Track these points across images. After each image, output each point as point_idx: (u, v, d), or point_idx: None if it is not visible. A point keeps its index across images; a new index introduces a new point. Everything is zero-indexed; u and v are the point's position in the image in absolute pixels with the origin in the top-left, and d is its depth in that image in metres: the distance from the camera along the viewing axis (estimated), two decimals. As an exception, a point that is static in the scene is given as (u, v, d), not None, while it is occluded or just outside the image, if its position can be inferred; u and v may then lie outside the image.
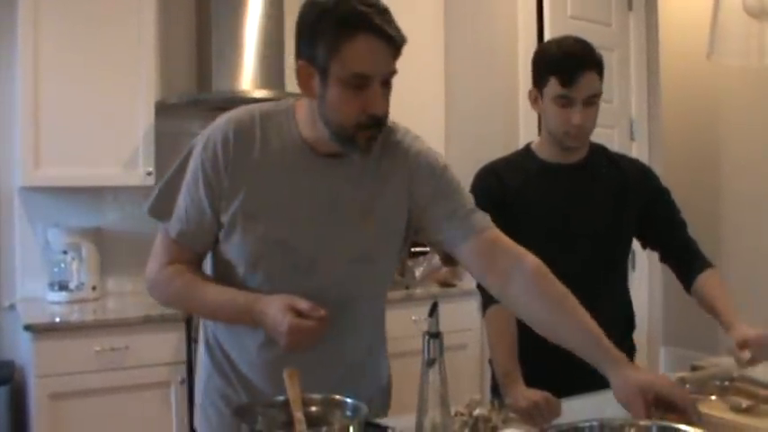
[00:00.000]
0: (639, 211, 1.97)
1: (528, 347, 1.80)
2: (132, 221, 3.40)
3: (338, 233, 1.46)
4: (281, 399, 1.25)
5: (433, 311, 1.18)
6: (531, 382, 1.71)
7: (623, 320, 2.03)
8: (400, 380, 1.77)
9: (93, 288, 3.22)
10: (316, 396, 1.26)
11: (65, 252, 3.18)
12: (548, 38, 3.64)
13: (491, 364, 1.89)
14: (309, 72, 1.37)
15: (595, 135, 1.95)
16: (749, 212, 4.55)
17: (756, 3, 1.99)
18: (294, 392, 1.22)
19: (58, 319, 2.87)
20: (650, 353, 3.92)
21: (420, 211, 1.52)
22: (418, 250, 3.49)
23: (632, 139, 4.00)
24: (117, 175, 3.15)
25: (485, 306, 1.87)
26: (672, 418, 1.29)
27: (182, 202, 1.47)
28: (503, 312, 1.81)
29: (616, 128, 3.90)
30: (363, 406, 1.23)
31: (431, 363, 1.17)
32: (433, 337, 1.17)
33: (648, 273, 3.81)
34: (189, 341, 2.91)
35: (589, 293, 1.86)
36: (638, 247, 2.11)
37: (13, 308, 3.20)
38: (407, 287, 3.44)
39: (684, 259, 1.97)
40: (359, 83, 1.33)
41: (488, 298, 1.85)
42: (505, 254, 1.50)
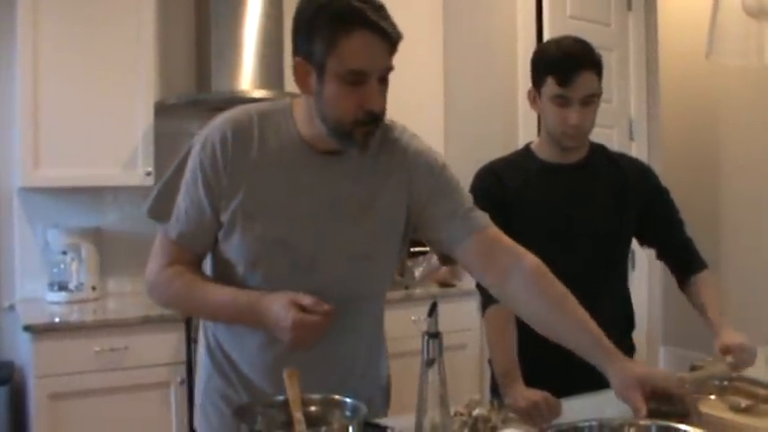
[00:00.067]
0: (639, 210, 1.97)
1: (528, 347, 1.80)
2: (132, 222, 3.40)
3: (337, 231, 1.46)
4: (280, 399, 1.25)
5: (433, 311, 1.18)
6: (530, 381, 1.72)
7: (623, 319, 2.03)
8: (400, 380, 1.77)
9: (93, 288, 3.22)
10: (315, 396, 1.26)
11: (64, 252, 3.18)
12: (547, 38, 3.64)
13: (490, 364, 1.89)
14: (306, 69, 1.37)
15: (594, 135, 1.95)
16: (748, 212, 4.55)
17: (755, 3, 1.99)
18: (294, 392, 1.22)
19: (57, 320, 2.87)
20: (650, 352, 3.92)
21: (419, 209, 1.52)
22: (418, 250, 3.49)
23: (631, 138, 4.00)
24: (116, 176, 3.15)
25: (484, 306, 1.87)
26: (668, 409, 1.29)
27: (181, 202, 1.47)
28: (502, 312, 1.81)
29: (615, 128, 3.90)
30: (363, 406, 1.23)
31: (430, 363, 1.17)
32: (433, 337, 1.17)
33: (648, 272, 3.81)
34: (188, 341, 2.91)
35: (589, 293, 1.86)
36: (637, 246, 2.11)
37: (12, 308, 3.21)
38: (407, 287, 3.45)
39: (682, 258, 2.00)
40: (356, 79, 1.33)
41: (488, 298, 1.86)
42: (505, 253, 1.51)
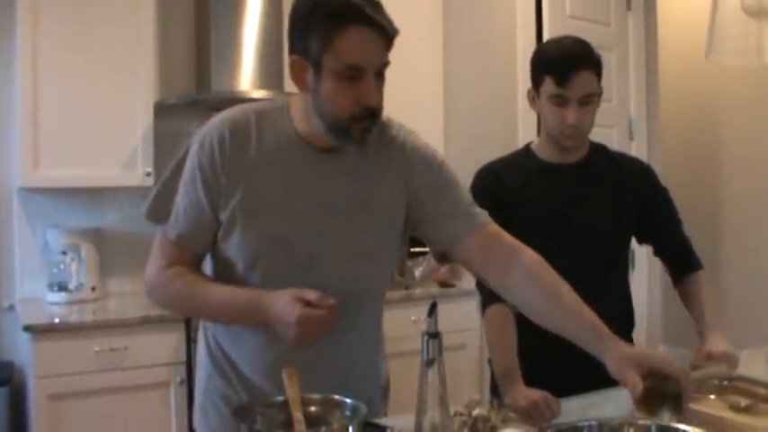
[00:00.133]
0: (639, 209, 1.97)
1: (527, 347, 1.81)
2: (131, 222, 3.39)
3: (336, 228, 1.46)
4: (280, 399, 1.25)
5: (432, 311, 1.18)
6: (530, 381, 1.72)
7: (623, 318, 2.03)
8: (399, 380, 1.77)
9: (93, 289, 3.22)
10: (315, 396, 1.26)
11: (64, 253, 3.18)
12: (546, 37, 3.64)
13: (490, 363, 1.89)
14: (303, 66, 1.38)
15: (594, 134, 1.95)
16: (748, 211, 4.55)
17: (754, 2, 1.99)
18: (293, 392, 1.22)
19: (57, 320, 2.87)
20: (649, 352, 3.91)
21: (419, 206, 1.52)
22: (417, 251, 3.49)
23: (631, 138, 4.00)
24: (116, 176, 3.15)
25: (484, 306, 1.87)
26: (664, 388, 1.30)
27: (180, 202, 1.47)
28: (502, 312, 1.81)
29: (615, 127, 3.90)
30: (362, 406, 1.23)
31: (430, 363, 1.17)
32: (432, 337, 1.17)
33: (648, 272, 3.81)
34: (188, 342, 2.91)
35: (589, 293, 1.86)
36: (637, 246, 2.11)
37: (12, 308, 3.20)
38: (407, 287, 3.45)
39: (678, 257, 2.02)
40: (352, 74, 1.34)
41: (487, 297, 1.86)
42: (506, 248, 1.52)
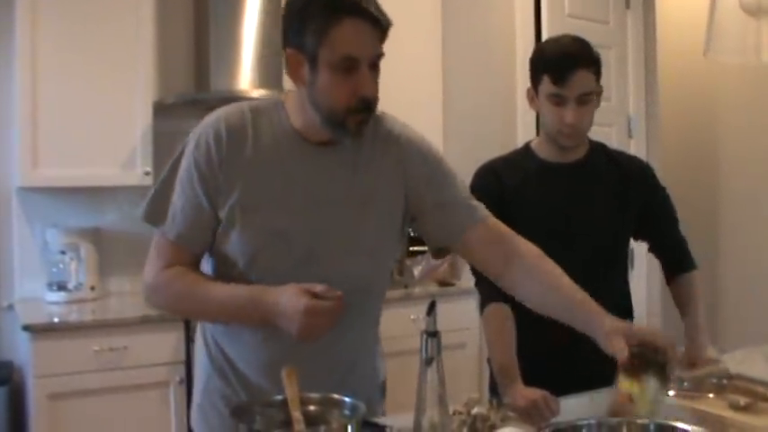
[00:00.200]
0: (639, 208, 1.97)
1: (526, 346, 1.81)
2: (131, 221, 3.38)
3: (336, 222, 1.47)
4: (279, 398, 1.25)
5: (431, 310, 1.18)
6: (529, 380, 1.72)
7: (622, 316, 2.02)
8: (398, 379, 1.77)
9: (92, 288, 3.22)
10: (314, 395, 1.26)
11: (63, 252, 3.17)
12: (545, 36, 3.64)
13: (489, 362, 1.89)
14: (299, 60, 1.38)
15: (593, 133, 1.95)
16: (746, 210, 4.55)
17: (753, 1, 1.99)
18: (292, 391, 1.22)
19: (56, 320, 2.87)
20: (649, 351, 3.91)
21: (417, 200, 1.53)
22: (416, 249, 3.49)
23: (630, 136, 4.00)
24: (115, 176, 3.14)
25: (483, 304, 1.87)
26: (651, 356, 1.34)
27: (177, 202, 1.45)
28: (501, 311, 1.81)
29: (614, 126, 3.91)
30: (361, 405, 1.23)
31: (429, 362, 1.17)
32: (431, 335, 1.17)
33: (647, 271, 3.81)
34: (188, 341, 2.91)
35: (589, 291, 1.86)
36: (636, 245, 2.12)
37: (11, 308, 3.20)
38: (406, 286, 3.44)
39: (673, 256, 2.05)
40: (348, 66, 1.35)
41: (486, 296, 1.86)
42: (506, 241, 1.55)
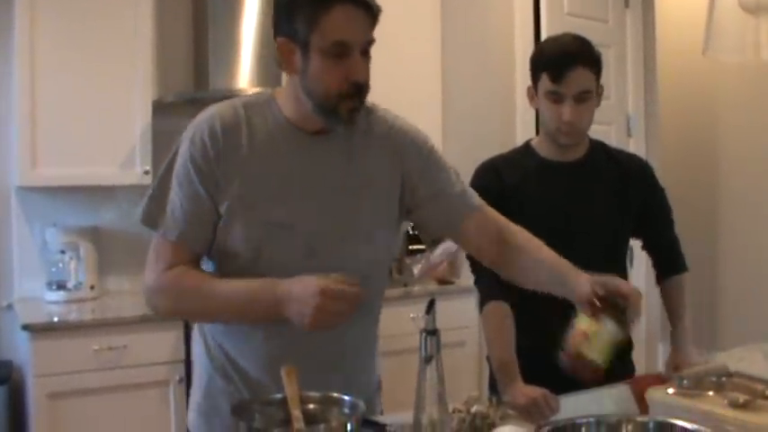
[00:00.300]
0: (638, 207, 1.98)
1: (526, 345, 1.81)
2: (130, 221, 3.36)
3: (335, 209, 1.47)
4: (278, 396, 1.25)
5: (430, 309, 1.18)
6: (529, 378, 1.72)
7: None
8: (398, 377, 1.77)
9: (92, 287, 3.22)
10: (313, 394, 1.27)
11: (62, 251, 3.17)
12: (544, 35, 3.64)
13: (489, 360, 1.89)
14: (290, 48, 1.40)
15: (592, 132, 1.95)
16: (746, 208, 4.55)
17: (752, -1, 2.00)
18: (292, 390, 1.23)
19: (56, 319, 2.87)
20: (648, 349, 3.93)
21: (412, 189, 1.55)
22: (416, 248, 3.49)
23: (629, 135, 4.01)
24: (114, 175, 3.14)
25: (482, 303, 1.87)
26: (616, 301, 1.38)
27: (176, 200, 1.44)
28: (500, 309, 1.81)
29: (613, 124, 3.91)
30: (361, 403, 1.24)
31: (428, 360, 1.17)
32: (430, 334, 1.17)
33: (646, 269, 3.77)
34: (187, 340, 2.91)
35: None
36: (635, 243, 2.12)
37: (10, 307, 3.20)
38: (405, 285, 3.45)
39: (666, 256, 2.08)
40: (339, 51, 1.36)
41: (486, 295, 1.86)
42: (499, 227, 1.59)
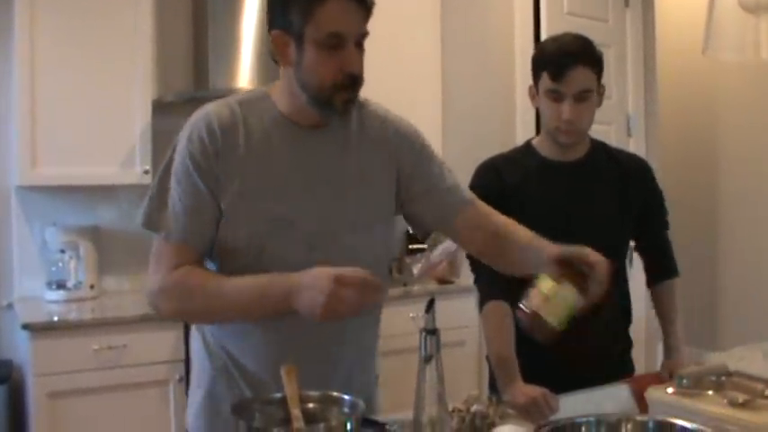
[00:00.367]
0: (638, 208, 1.98)
1: (526, 344, 1.80)
2: (130, 220, 3.37)
3: (334, 201, 1.48)
4: (278, 396, 1.25)
5: (430, 308, 1.18)
6: (528, 378, 1.72)
7: (621, 314, 2.04)
8: (398, 377, 1.77)
9: (91, 287, 3.22)
10: (313, 393, 1.27)
11: (62, 251, 3.17)
12: (544, 34, 3.65)
13: (488, 360, 1.89)
14: (285, 40, 1.41)
15: (592, 131, 1.95)
16: (746, 208, 4.56)
17: (752, -2, 2.00)
18: (292, 389, 1.23)
19: (55, 318, 2.87)
20: (648, 349, 3.93)
21: (406, 182, 1.56)
22: (415, 247, 3.49)
23: (629, 135, 4.01)
24: (114, 174, 3.14)
25: (482, 302, 1.87)
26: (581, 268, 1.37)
27: (177, 201, 1.43)
28: (500, 308, 1.81)
29: (613, 124, 3.91)
30: (360, 402, 1.24)
31: (428, 359, 1.17)
32: (430, 333, 1.17)
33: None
34: (187, 339, 2.90)
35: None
36: (634, 244, 2.12)
37: (10, 307, 3.20)
38: (405, 284, 3.45)
39: (658, 260, 2.08)
40: (334, 43, 1.37)
41: (486, 294, 1.86)
42: (491, 220, 1.60)
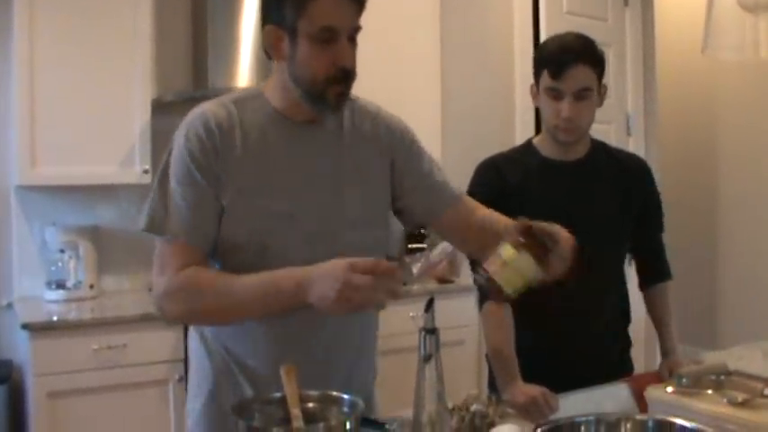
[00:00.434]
0: (638, 208, 1.98)
1: (526, 343, 1.81)
2: (129, 219, 3.38)
3: (330, 197, 1.48)
4: (278, 395, 1.25)
5: (429, 307, 1.18)
6: (528, 377, 1.72)
7: (620, 313, 2.04)
8: (397, 376, 1.77)
9: (91, 286, 3.22)
10: (313, 392, 1.27)
11: (62, 251, 3.17)
12: (543, 34, 3.65)
13: (488, 359, 1.89)
14: (278, 35, 1.42)
15: (592, 130, 1.95)
16: (745, 207, 4.56)
17: (751, -3, 2.00)
18: (291, 389, 1.23)
19: (55, 318, 2.87)
20: (647, 348, 3.92)
21: (399, 176, 1.57)
22: (415, 246, 3.49)
23: (629, 134, 4.01)
24: (114, 174, 3.14)
25: (482, 301, 1.87)
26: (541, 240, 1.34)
27: (178, 200, 1.43)
28: (500, 307, 1.81)
29: (612, 123, 3.91)
30: (360, 402, 1.24)
31: (427, 359, 1.17)
32: (430, 332, 1.17)
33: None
34: (187, 339, 2.90)
35: (590, 291, 1.86)
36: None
37: (10, 307, 3.20)
38: (405, 284, 3.43)
39: (651, 263, 2.08)
40: (327, 37, 1.38)
41: (485, 293, 1.86)
42: (481, 215, 1.60)
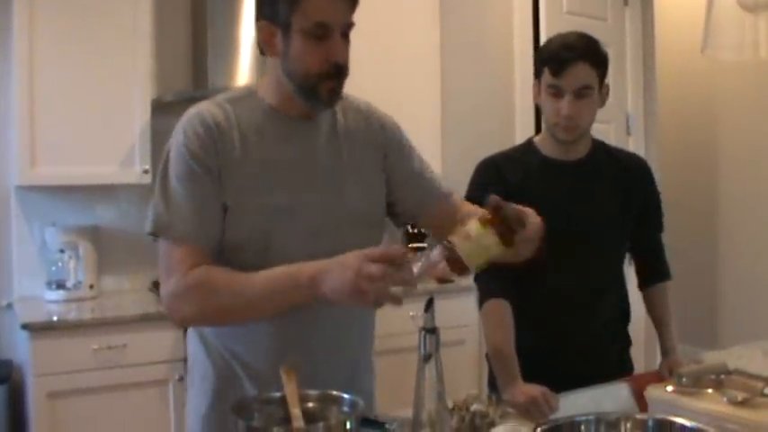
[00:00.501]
0: (638, 208, 1.98)
1: (526, 343, 1.81)
2: (129, 219, 3.39)
3: (328, 192, 1.49)
4: (278, 395, 1.25)
5: (429, 307, 1.19)
6: (528, 376, 1.72)
7: (620, 313, 2.04)
8: (397, 376, 1.77)
9: (91, 287, 3.22)
10: (312, 392, 1.27)
11: (62, 251, 3.17)
12: (543, 33, 3.65)
13: (488, 359, 1.89)
14: (272, 31, 1.43)
15: (591, 130, 1.95)
16: (745, 207, 4.56)
17: (750, -4, 2.00)
18: (291, 389, 1.23)
19: (55, 318, 2.87)
20: (647, 348, 3.92)
21: (390, 172, 1.59)
22: (415, 246, 3.49)
23: (628, 134, 4.01)
24: (113, 174, 3.14)
25: (482, 300, 1.87)
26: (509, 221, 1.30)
27: (181, 199, 1.41)
28: (500, 306, 1.82)
29: (612, 123, 3.91)
30: (360, 401, 1.24)
31: (427, 358, 1.17)
32: (429, 332, 1.17)
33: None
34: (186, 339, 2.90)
35: (590, 290, 1.86)
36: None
37: (10, 307, 3.20)
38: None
39: (651, 263, 2.08)
40: (321, 33, 1.39)
41: (485, 292, 1.86)
42: (470, 211, 1.59)
